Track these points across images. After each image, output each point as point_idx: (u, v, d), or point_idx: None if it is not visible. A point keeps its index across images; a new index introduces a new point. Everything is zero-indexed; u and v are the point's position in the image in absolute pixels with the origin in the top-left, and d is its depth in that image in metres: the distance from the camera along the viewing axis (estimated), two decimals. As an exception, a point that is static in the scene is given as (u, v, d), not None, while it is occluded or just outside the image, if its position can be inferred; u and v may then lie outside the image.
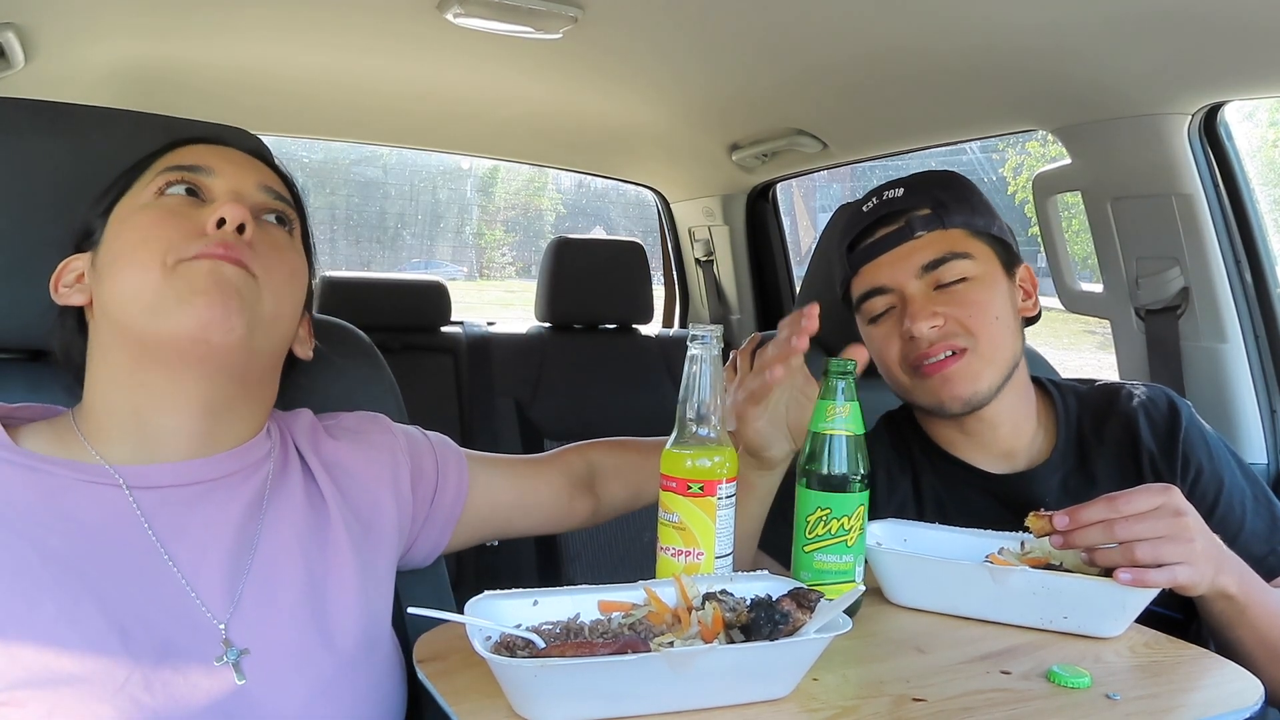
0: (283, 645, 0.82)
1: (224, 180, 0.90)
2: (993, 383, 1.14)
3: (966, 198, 1.20)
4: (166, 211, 0.86)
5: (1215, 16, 1.26)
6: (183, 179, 0.88)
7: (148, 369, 0.83)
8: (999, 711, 0.75)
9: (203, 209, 0.86)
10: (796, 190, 4.65)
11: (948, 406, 1.15)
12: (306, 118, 2.40)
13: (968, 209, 1.19)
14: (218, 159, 0.92)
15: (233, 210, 0.84)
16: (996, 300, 1.16)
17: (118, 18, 1.68)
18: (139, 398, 0.84)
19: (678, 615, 0.81)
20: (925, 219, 1.17)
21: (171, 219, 0.85)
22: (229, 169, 0.91)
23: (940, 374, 1.13)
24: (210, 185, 0.89)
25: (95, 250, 0.88)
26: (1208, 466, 1.14)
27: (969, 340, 1.13)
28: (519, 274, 9.44)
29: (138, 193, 0.89)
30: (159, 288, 0.81)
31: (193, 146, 0.94)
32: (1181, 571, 0.89)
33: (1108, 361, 1.90)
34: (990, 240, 1.19)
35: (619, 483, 1.17)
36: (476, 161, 3.30)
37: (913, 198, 1.19)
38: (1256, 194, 1.67)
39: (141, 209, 0.87)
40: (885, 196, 1.20)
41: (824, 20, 1.51)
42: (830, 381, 0.94)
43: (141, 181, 0.90)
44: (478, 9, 1.54)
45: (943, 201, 1.18)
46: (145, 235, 0.84)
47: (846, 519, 0.92)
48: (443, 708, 0.74)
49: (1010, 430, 1.19)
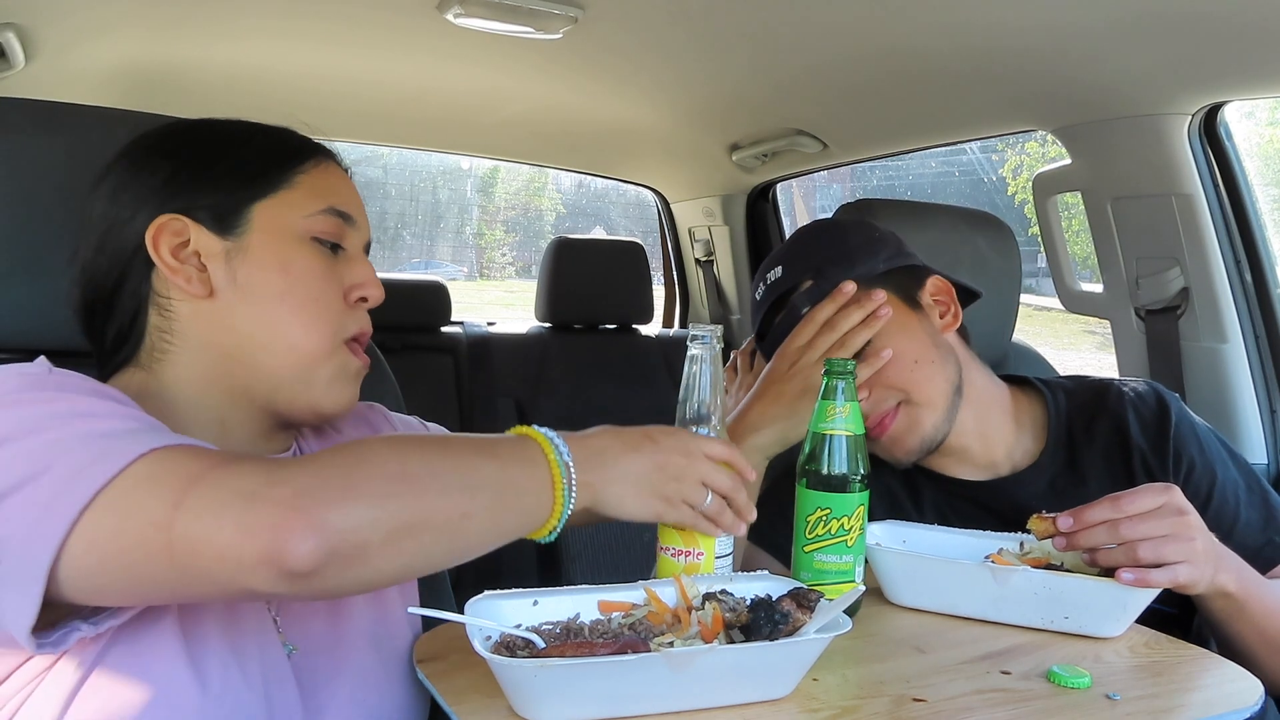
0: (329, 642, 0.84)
1: (358, 235, 0.90)
2: (938, 422, 1.12)
3: (843, 250, 1.16)
4: (324, 261, 0.86)
5: (1215, 16, 1.26)
6: (335, 232, 0.87)
7: (255, 400, 0.84)
8: (999, 711, 0.75)
9: (343, 265, 0.87)
10: (796, 190, 4.65)
11: (903, 460, 1.14)
12: (306, 118, 2.38)
13: (846, 264, 1.15)
14: (357, 206, 0.91)
15: (377, 295, 0.88)
16: (910, 344, 1.12)
17: (118, 18, 1.68)
18: (230, 412, 0.84)
19: (678, 615, 0.81)
20: (809, 293, 1.14)
21: (334, 279, 0.86)
22: (362, 223, 0.91)
23: (886, 435, 1.12)
24: (350, 237, 0.89)
25: (233, 242, 0.83)
26: (1200, 461, 1.13)
27: (898, 395, 1.11)
28: (519, 274, 9.45)
29: (290, 210, 0.85)
30: (322, 363, 0.84)
31: (336, 169, 0.91)
32: (1183, 570, 0.89)
33: (1108, 361, 1.90)
34: (882, 280, 1.15)
35: None
36: (476, 161, 3.30)
37: (791, 273, 1.17)
38: (1256, 194, 1.67)
39: (300, 245, 0.85)
40: (768, 280, 1.19)
41: (824, 20, 1.51)
42: (830, 381, 0.94)
43: (293, 195, 0.86)
44: (478, 9, 1.54)
45: (819, 267, 1.15)
46: (317, 295, 0.84)
47: (846, 519, 0.92)
48: (443, 707, 0.74)
49: (980, 445, 1.17)
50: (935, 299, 1.18)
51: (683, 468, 0.84)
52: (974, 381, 1.17)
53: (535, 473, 0.76)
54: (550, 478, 0.76)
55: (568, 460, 0.77)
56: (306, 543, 0.60)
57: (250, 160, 0.86)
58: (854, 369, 0.94)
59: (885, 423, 1.11)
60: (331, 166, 0.91)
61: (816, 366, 1.08)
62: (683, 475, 0.84)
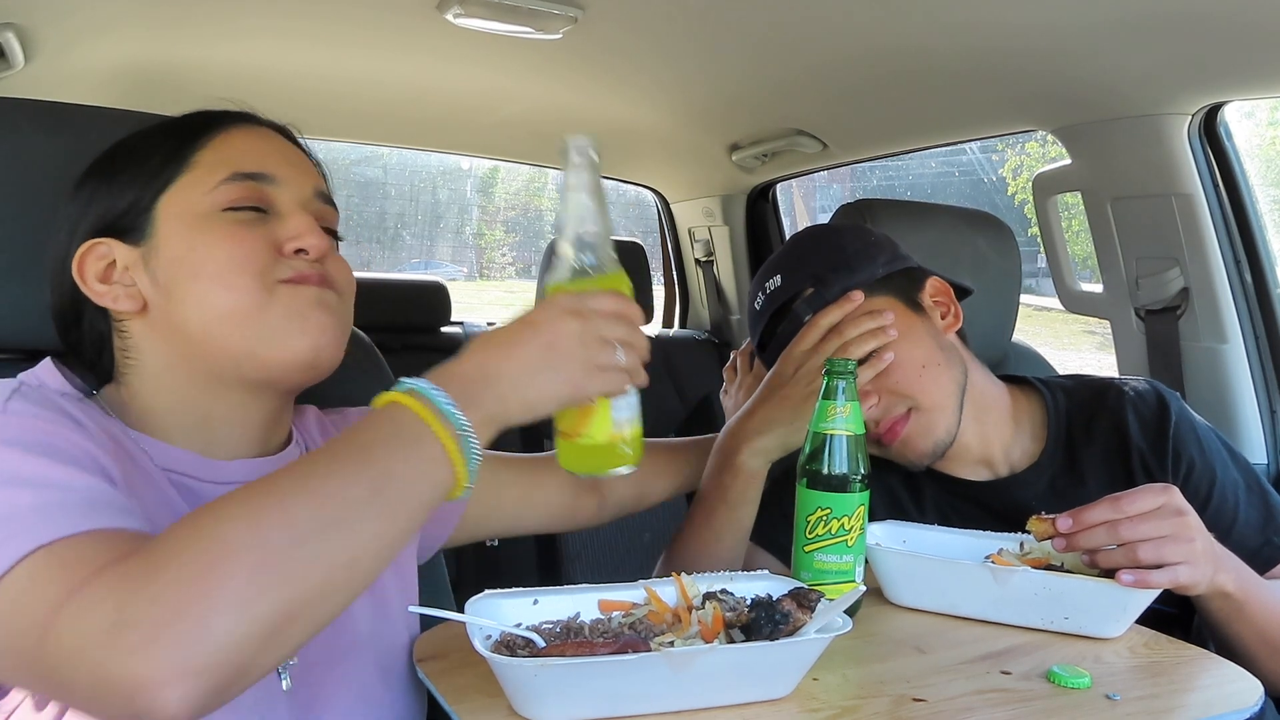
0: (324, 653, 0.83)
1: (287, 190, 0.85)
2: (949, 425, 1.12)
3: (841, 257, 1.16)
4: (242, 226, 0.81)
5: (1215, 16, 1.26)
6: (249, 196, 0.82)
7: (231, 385, 0.82)
8: (999, 711, 0.75)
9: (274, 224, 0.82)
10: (796, 190, 4.65)
11: (916, 464, 1.15)
12: (306, 118, 2.37)
13: (846, 271, 1.15)
14: (277, 161, 0.86)
15: (316, 243, 0.82)
16: (916, 349, 1.12)
17: (118, 18, 1.68)
18: (212, 405, 0.83)
19: (678, 615, 0.81)
20: (810, 300, 1.14)
21: (253, 237, 0.81)
22: (291, 175, 0.86)
23: (898, 440, 1.12)
24: (275, 197, 0.84)
25: (145, 247, 0.81)
26: (1200, 460, 1.13)
27: (909, 401, 1.11)
28: (519, 274, 9.45)
29: (192, 191, 0.82)
30: (263, 312, 0.79)
31: (244, 132, 0.87)
32: (1183, 571, 0.89)
33: (1108, 361, 1.90)
34: (883, 285, 1.15)
35: (624, 483, 1.17)
36: (476, 161, 3.29)
37: (791, 281, 1.17)
38: (1256, 194, 1.67)
39: (209, 222, 0.80)
40: (767, 289, 1.19)
41: (824, 20, 1.51)
42: (831, 381, 0.94)
43: (193, 176, 0.82)
44: (478, 9, 1.54)
45: (819, 275, 1.15)
46: (232, 255, 0.79)
47: (847, 519, 0.92)
48: (443, 707, 0.74)
49: (980, 445, 1.17)
50: (935, 300, 1.18)
51: (576, 335, 0.74)
52: (975, 382, 1.17)
53: (421, 450, 0.67)
54: (440, 443, 0.67)
55: (450, 409, 0.68)
56: (175, 693, 0.54)
57: (148, 157, 0.83)
58: (855, 369, 0.94)
59: (896, 429, 1.11)
60: (237, 131, 0.86)
61: (820, 371, 1.08)
62: (582, 343, 0.74)
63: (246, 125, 0.88)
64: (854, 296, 1.12)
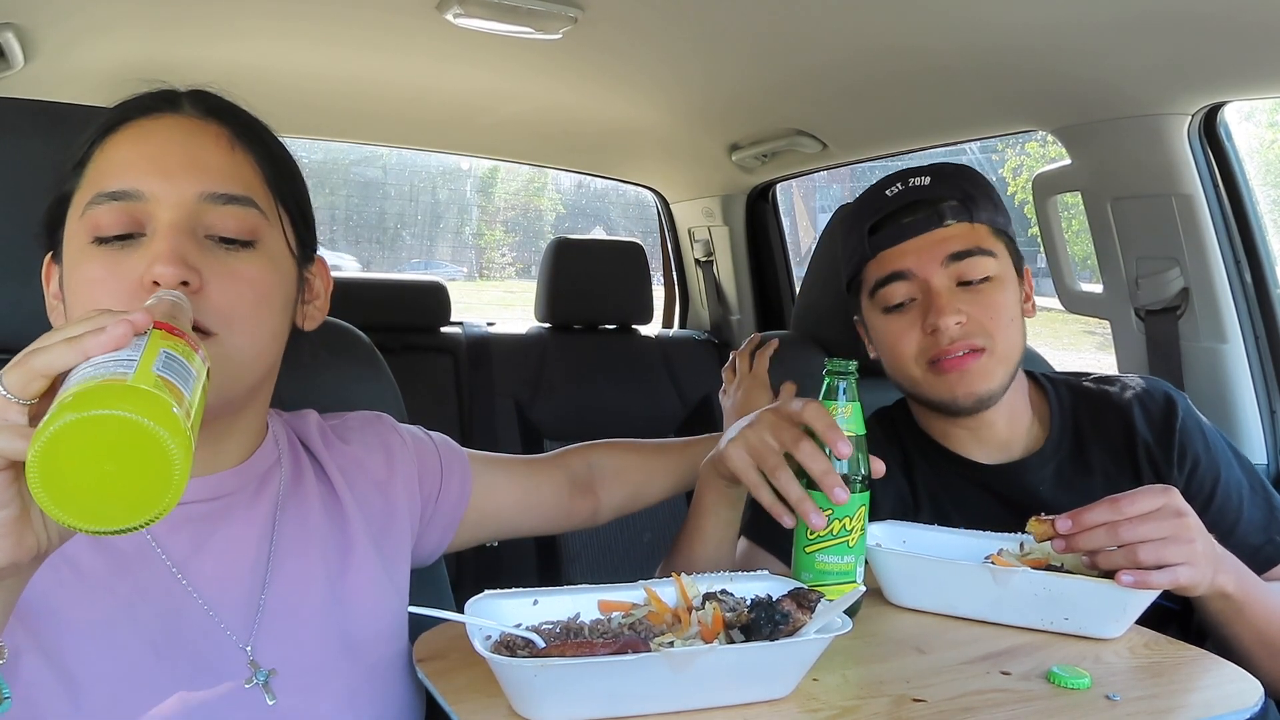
0: (308, 661, 0.82)
1: (159, 205, 0.76)
2: (1004, 382, 1.15)
3: (989, 194, 1.21)
4: (103, 263, 0.75)
5: (1215, 16, 1.26)
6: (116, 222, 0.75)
7: None
8: (999, 712, 0.75)
9: (141, 249, 0.75)
10: (796, 191, 4.65)
11: (961, 403, 1.15)
12: (306, 118, 2.40)
13: (991, 206, 1.19)
14: (147, 171, 0.77)
15: (167, 272, 0.72)
16: (1011, 301, 1.17)
17: (118, 18, 1.68)
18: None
19: (678, 615, 0.81)
20: (954, 209, 1.17)
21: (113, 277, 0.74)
22: (163, 187, 0.76)
23: (958, 371, 1.13)
24: (147, 214, 0.76)
25: (61, 265, 0.80)
26: (1204, 458, 1.14)
27: (987, 340, 1.14)
28: (519, 274, 9.44)
29: (73, 215, 0.77)
30: None
31: (128, 134, 0.79)
32: (1183, 572, 0.89)
33: (1108, 362, 1.90)
34: (1007, 240, 1.20)
35: (619, 484, 1.17)
36: (476, 161, 3.30)
37: (940, 187, 1.18)
38: (1256, 194, 1.67)
39: (81, 256, 0.76)
40: (911, 183, 1.20)
41: (824, 20, 1.51)
42: (831, 382, 0.94)
43: (78, 195, 0.78)
44: (477, 9, 1.54)
45: (970, 195, 1.18)
46: (91, 298, 0.75)
47: (848, 519, 0.91)
48: (443, 707, 0.74)
49: (1006, 423, 1.20)
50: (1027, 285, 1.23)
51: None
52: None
53: None
54: None
55: None
56: None
57: (68, 172, 0.79)
58: (855, 369, 0.94)
59: (967, 360, 1.13)
60: (124, 133, 0.79)
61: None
62: None
63: (136, 122, 0.80)
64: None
